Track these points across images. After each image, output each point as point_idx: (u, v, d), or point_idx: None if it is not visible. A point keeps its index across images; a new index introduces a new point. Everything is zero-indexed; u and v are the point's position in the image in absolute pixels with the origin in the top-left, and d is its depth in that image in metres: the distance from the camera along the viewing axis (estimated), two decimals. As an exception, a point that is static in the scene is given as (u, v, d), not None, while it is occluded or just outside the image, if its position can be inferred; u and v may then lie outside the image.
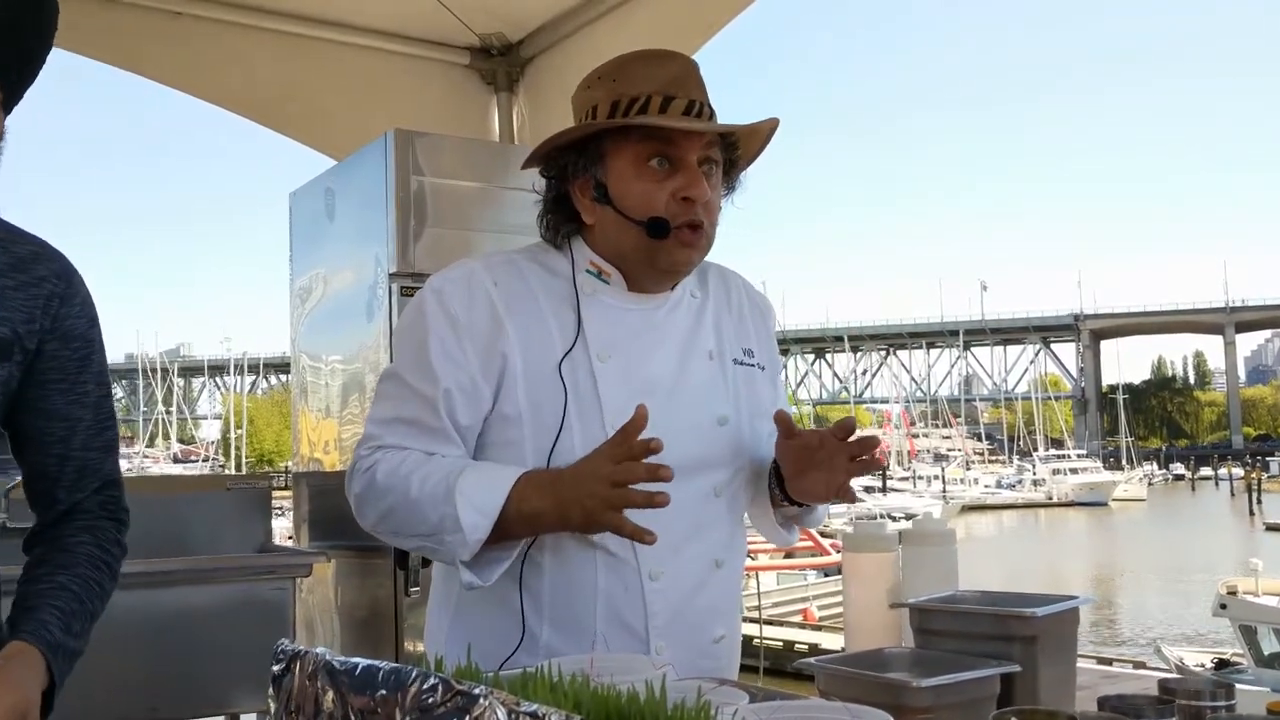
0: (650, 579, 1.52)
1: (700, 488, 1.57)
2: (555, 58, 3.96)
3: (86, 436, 1.42)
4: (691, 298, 1.66)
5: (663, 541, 1.47)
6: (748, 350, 1.69)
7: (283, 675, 1.02)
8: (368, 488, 1.52)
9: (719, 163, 1.58)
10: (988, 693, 1.37)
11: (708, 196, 1.53)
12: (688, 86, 1.54)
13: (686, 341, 1.62)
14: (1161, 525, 42.50)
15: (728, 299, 1.71)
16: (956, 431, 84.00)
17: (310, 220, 3.64)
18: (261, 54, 3.76)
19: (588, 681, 0.92)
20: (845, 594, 1.86)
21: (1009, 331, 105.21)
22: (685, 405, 1.57)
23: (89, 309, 1.43)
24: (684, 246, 1.54)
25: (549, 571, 1.53)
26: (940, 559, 1.81)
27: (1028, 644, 1.44)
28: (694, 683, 0.99)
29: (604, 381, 1.53)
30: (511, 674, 1.01)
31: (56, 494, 1.42)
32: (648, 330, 1.59)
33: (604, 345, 1.55)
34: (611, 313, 1.58)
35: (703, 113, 1.54)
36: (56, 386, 1.39)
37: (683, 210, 1.52)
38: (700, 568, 1.58)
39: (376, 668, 0.87)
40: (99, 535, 1.44)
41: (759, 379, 1.69)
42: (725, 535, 1.62)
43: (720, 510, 1.61)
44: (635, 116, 1.52)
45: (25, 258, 1.37)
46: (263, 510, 3.39)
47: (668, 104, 1.52)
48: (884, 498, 40.42)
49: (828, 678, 1.39)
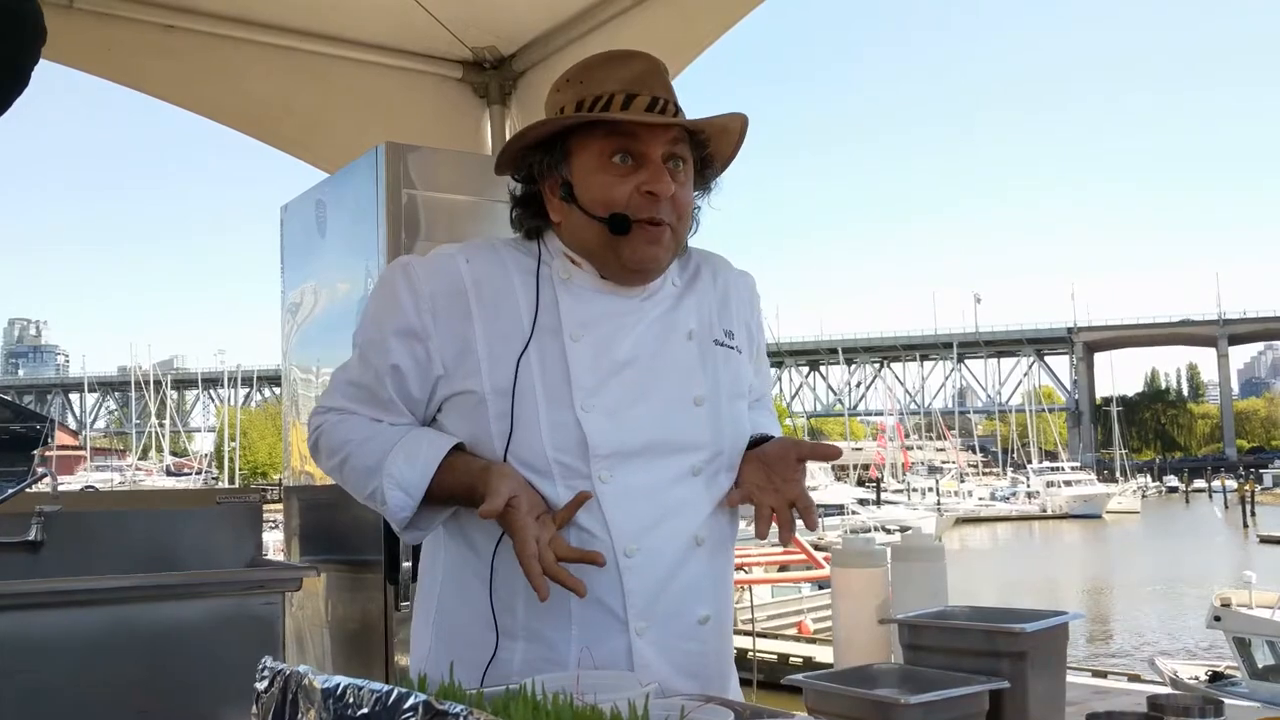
0: (625, 555, 1.51)
1: (676, 466, 1.56)
2: (548, 71, 3.96)
3: None
4: (672, 286, 1.67)
5: (637, 519, 1.52)
6: (728, 332, 1.69)
7: (265, 692, 1.02)
8: (314, 448, 1.64)
9: (688, 160, 1.58)
10: (977, 709, 1.36)
11: (671, 191, 1.53)
12: (651, 84, 1.55)
13: (664, 322, 1.62)
14: (1155, 538, 42.51)
15: (713, 281, 1.71)
16: (951, 444, 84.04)
17: (301, 233, 3.64)
18: (254, 67, 3.76)
19: (571, 701, 0.91)
20: (834, 609, 1.85)
21: (1003, 344, 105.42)
22: (660, 384, 1.57)
23: None
24: (648, 243, 1.54)
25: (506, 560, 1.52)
26: (929, 574, 1.80)
27: (1017, 660, 1.44)
28: (678, 700, 0.98)
29: (574, 360, 1.53)
30: (494, 691, 1.00)
31: None
32: (622, 313, 1.59)
33: (576, 325, 1.56)
34: (585, 295, 1.59)
35: (666, 109, 1.54)
36: None
37: (645, 205, 1.53)
38: (678, 545, 1.56)
39: (358, 686, 0.87)
40: None
41: (738, 360, 1.69)
42: (705, 513, 1.59)
43: (698, 489, 1.58)
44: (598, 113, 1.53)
45: None
46: (253, 524, 3.38)
47: (630, 101, 1.52)
48: (878, 510, 40.46)
49: (816, 694, 1.38)
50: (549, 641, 1.51)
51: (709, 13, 3.44)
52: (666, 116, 1.53)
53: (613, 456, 1.51)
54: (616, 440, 1.52)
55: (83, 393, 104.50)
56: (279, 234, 3.77)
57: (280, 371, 3.83)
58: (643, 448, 1.53)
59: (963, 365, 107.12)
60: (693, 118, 1.58)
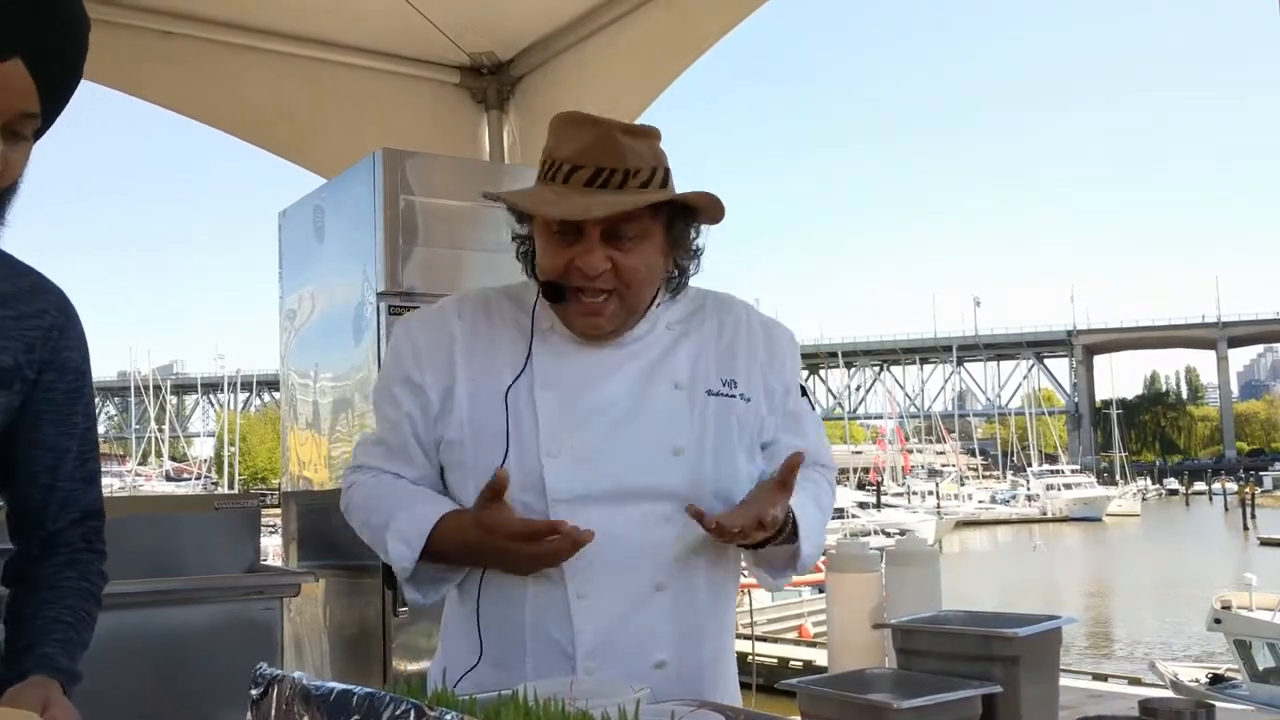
0: (577, 597, 1.55)
1: (646, 514, 1.57)
2: (545, 76, 3.98)
3: (72, 467, 1.44)
4: (666, 330, 1.67)
5: (596, 562, 1.54)
6: (729, 381, 1.67)
7: (261, 699, 1.03)
8: (346, 509, 1.70)
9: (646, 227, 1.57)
10: (969, 714, 1.37)
11: (602, 268, 1.54)
12: (597, 155, 1.53)
13: (649, 371, 1.63)
14: (1156, 540, 42.51)
15: (719, 331, 1.70)
16: (950, 447, 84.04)
17: (299, 239, 3.64)
18: (252, 73, 3.77)
19: (563, 706, 0.92)
20: (829, 614, 1.86)
21: (1002, 347, 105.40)
22: (637, 432, 1.59)
23: (83, 342, 1.46)
24: (584, 314, 1.58)
25: (485, 586, 1.60)
26: (924, 579, 1.81)
27: (1010, 664, 1.44)
28: (669, 706, 0.99)
29: (542, 408, 1.58)
30: (487, 698, 1.01)
31: (41, 523, 1.43)
32: (599, 362, 1.62)
33: (548, 374, 1.61)
34: (562, 345, 1.63)
35: (610, 180, 1.53)
36: (49, 418, 1.41)
37: (580, 278, 1.55)
38: (636, 591, 1.57)
39: (351, 693, 0.88)
40: (83, 568, 1.46)
41: (741, 410, 1.66)
42: (670, 560, 1.59)
43: (669, 536, 1.59)
44: (540, 183, 1.57)
45: (25, 289, 1.39)
46: (251, 530, 3.38)
47: (572, 173, 1.54)
48: (878, 513, 40.45)
49: (809, 698, 1.38)
50: (508, 669, 1.55)
51: (706, 17, 3.45)
52: (610, 191, 1.53)
53: (573, 501, 1.55)
54: (578, 485, 1.56)
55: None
56: (277, 239, 3.77)
57: (279, 376, 3.83)
58: (607, 494, 1.56)
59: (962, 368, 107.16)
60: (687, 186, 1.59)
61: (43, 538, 1.44)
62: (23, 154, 1.22)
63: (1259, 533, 42.00)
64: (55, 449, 1.42)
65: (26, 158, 1.24)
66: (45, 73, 1.20)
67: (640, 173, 1.55)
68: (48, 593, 1.42)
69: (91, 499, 1.48)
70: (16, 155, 1.20)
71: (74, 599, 1.42)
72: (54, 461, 1.42)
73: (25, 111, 1.19)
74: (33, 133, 1.24)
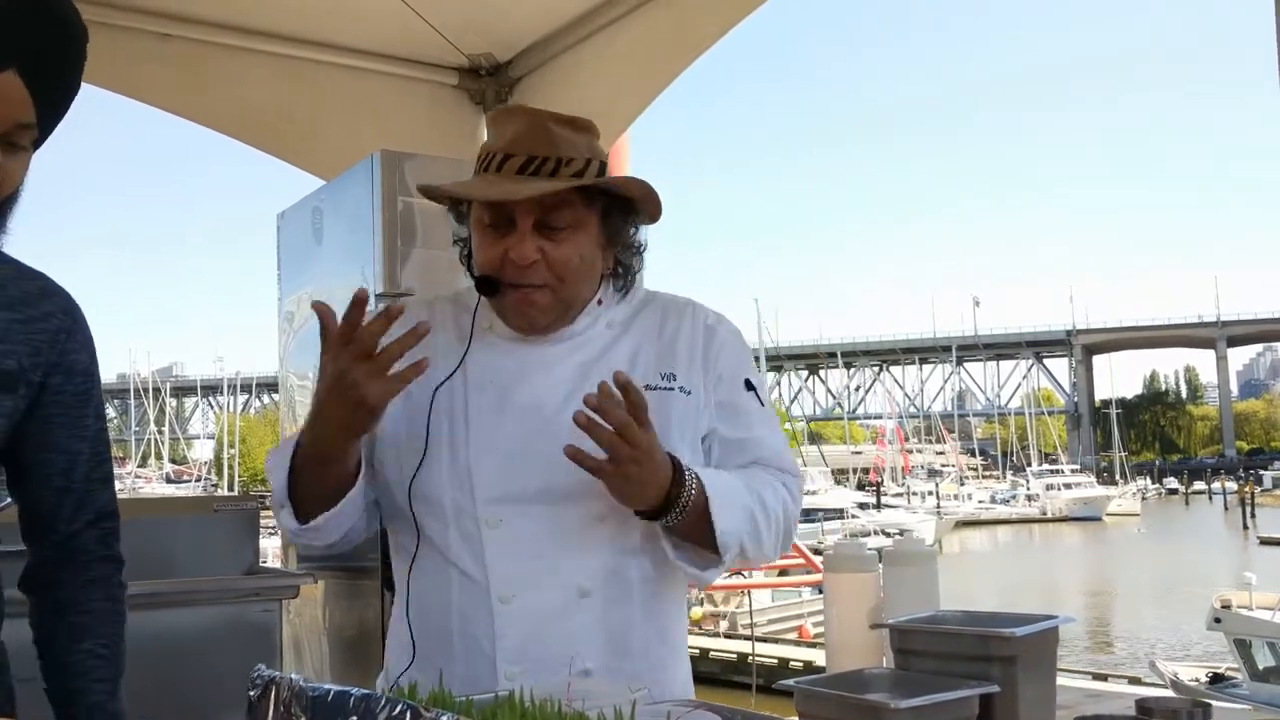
0: (500, 602, 1.53)
1: (575, 514, 1.54)
2: (544, 77, 3.98)
3: (87, 469, 1.44)
4: (607, 329, 1.65)
5: (520, 565, 1.53)
6: (668, 375, 1.62)
7: (259, 701, 1.03)
8: None
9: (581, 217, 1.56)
10: (967, 714, 1.37)
11: (533, 258, 1.53)
12: (528, 144, 1.53)
13: (584, 368, 1.60)
14: (1156, 540, 42.52)
15: (659, 328, 1.67)
16: (950, 447, 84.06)
17: (298, 240, 3.64)
18: (250, 75, 3.77)
19: (559, 707, 0.92)
20: (826, 614, 1.86)
21: (1002, 347, 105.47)
22: (567, 430, 1.48)
23: (91, 345, 1.47)
24: (519, 304, 1.57)
25: (414, 586, 1.60)
26: (921, 579, 1.81)
27: (1007, 664, 1.44)
28: (665, 706, 0.99)
29: (473, 405, 1.58)
30: (483, 699, 1.01)
31: (56, 526, 1.44)
32: (535, 359, 1.61)
33: (482, 372, 1.59)
34: (499, 344, 1.62)
35: (543, 168, 1.52)
36: (59, 420, 1.41)
37: (512, 271, 1.55)
38: (561, 595, 1.54)
39: (347, 694, 0.88)
40: (106, 587, 1.47)
41: (680, 404, 1.61)
42: (600, 564, 1.56)
43: (600, 538, 1.56)
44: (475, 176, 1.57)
45: (32, 293, 1.40)
46: (250, 531, 3.38)
47: (505, 162, 1.54)
48: (878, 514, 40.45)
49: (806, 698, 1.39)
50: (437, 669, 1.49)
51: (704, 17, 3.45)
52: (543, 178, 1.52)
53: (502, 501, 1.54)
54: (507, 485, 1.54)
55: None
56: (276, 241, 3.78)
57: (278, 378, 3.84)
58: (538, 493, 1.54)
59: (962, 368, 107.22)
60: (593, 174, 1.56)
61: (58, 541, 1.44)
62: (21, 164, 1.23)
63: (1259, 532, 42.00)
64: (68, 451, 1.42)
65: (26, 168, 1.25)
66: (41, 83, 1.20)
67: (574, 162, 1.54)
68: (78, 618, 1.43)
69: (106, 500, 1.48)
70: (15, 165, 1.21)
71: (105, 625, 1.44)
72: (67, 464, 1.42)
73: (22, 122, 1.19)
74: (30, 143, 1.24)
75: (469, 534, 1.55)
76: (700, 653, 15.98)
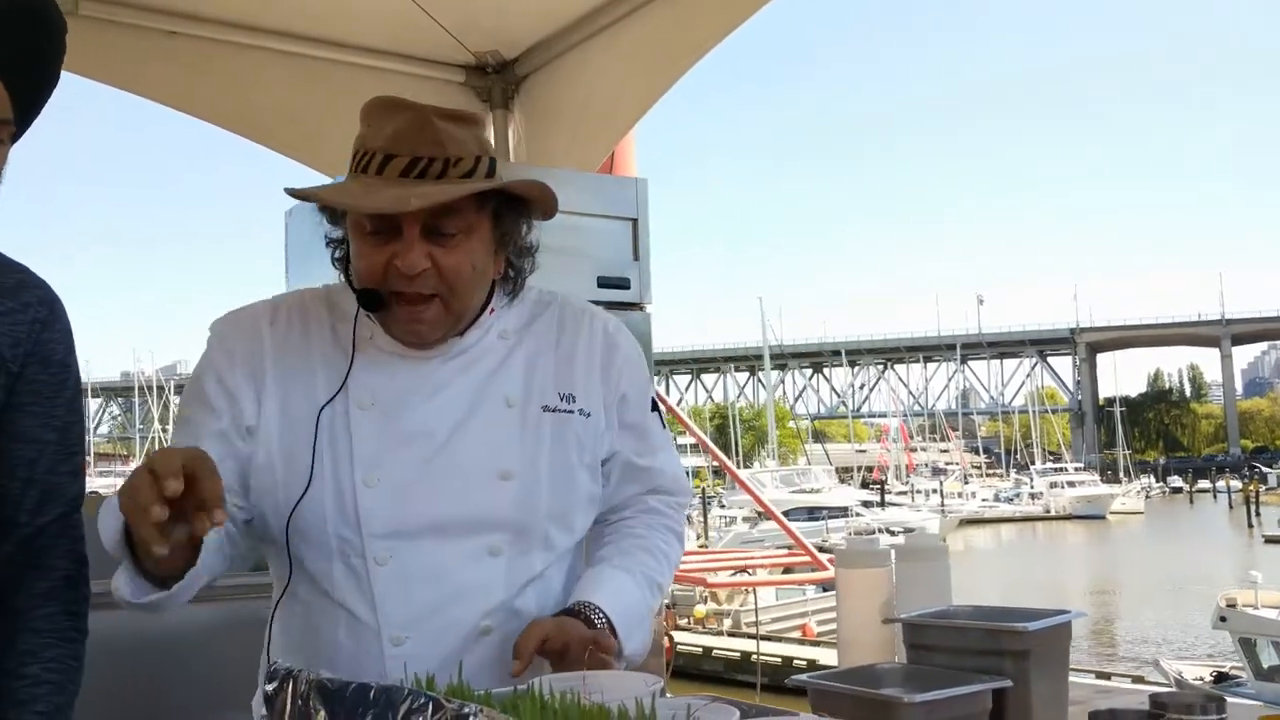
0: (392, 644, 1.42)
1: (470, 548, 1.44)
2: (550, 75, 3.98)
3: (52, 461, 1.41)
4: (500, 339, 1.53)
5: (413, 605, 1.42)
6: (567, 395, 1.53)
7: (275, 695, 1.03)
8: None
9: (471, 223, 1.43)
10: (980, 708, 1.37)
11: (422, 267, 1.39)
12: (413, 142, 1.40)
13: (478, 389, 1.49)
14: (1160, 538, 42.47)
15: (556, 340, 1.56)
16: (954, 445, 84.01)
17: (305, 238, 3.64)
18: (257, 73, 3.77)
19: (579, 699, 0.92)
20: (839, 610, 1.86)
21: (1006, 345, 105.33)
22: (459, 458, 1.45)
23: (68, 337, 1.45)
24: (407, 320, 1.43)
25: (297, 627, 1.49)
26: (933, 574, 1.81)
27: (1019, 659, 1.45)
28: (684, 700, 0.99)
29: (358, 430, 1.44)
30: (502, 692, 1.01)
31: (18, 518, 1.40)
32: (422, 379, 1.48)
33: (366, 393, 1.46)
34: (383, 359, 1.48)
35: (428, 172, 1.39)
36: (30, 409, 1.40)
37: (399, 280, 1.40)
38: (459, 634, 1.44)
39: (367, 687, 0.88)
40: (67, 599, 1.42)
41: (579, 426, 1.53)
42: (498, 599, 1.46)
43: (497, 572, 1.46)
44: (350, 176, 1.43)
45: (11, 286, 1.39)
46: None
47: (387, 162, 1.39)
48: (882, 512, 40.47)
49: (820, 694, 1.39)
50: None
51: (711, 16, 3.45)
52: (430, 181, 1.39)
53: (392, 536, 1.43)
54: (396, 519, 1.43)
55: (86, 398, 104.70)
56: (283, 239, 3.78)
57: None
58: (429, 527, 1.43)
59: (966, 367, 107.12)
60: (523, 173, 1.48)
61: (20, 538, 1.40)
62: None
63: (1264, 530, 41.94)
64: (36, 441, 1.40)
65: (4, 161, 1.25)
66: (19, 80, 1.20)
67: (462, 161, 1.41)
68: (29, 640, 1.38)
69: (74, 495, 1.45)
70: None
71: (58, 646, 1.39)
72: (34, 454, 1.40)
73: None
74: (9, 137, 1.25)
75: (356, 571, 1.43)
76: (703, 651, 15.97)
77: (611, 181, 3.89)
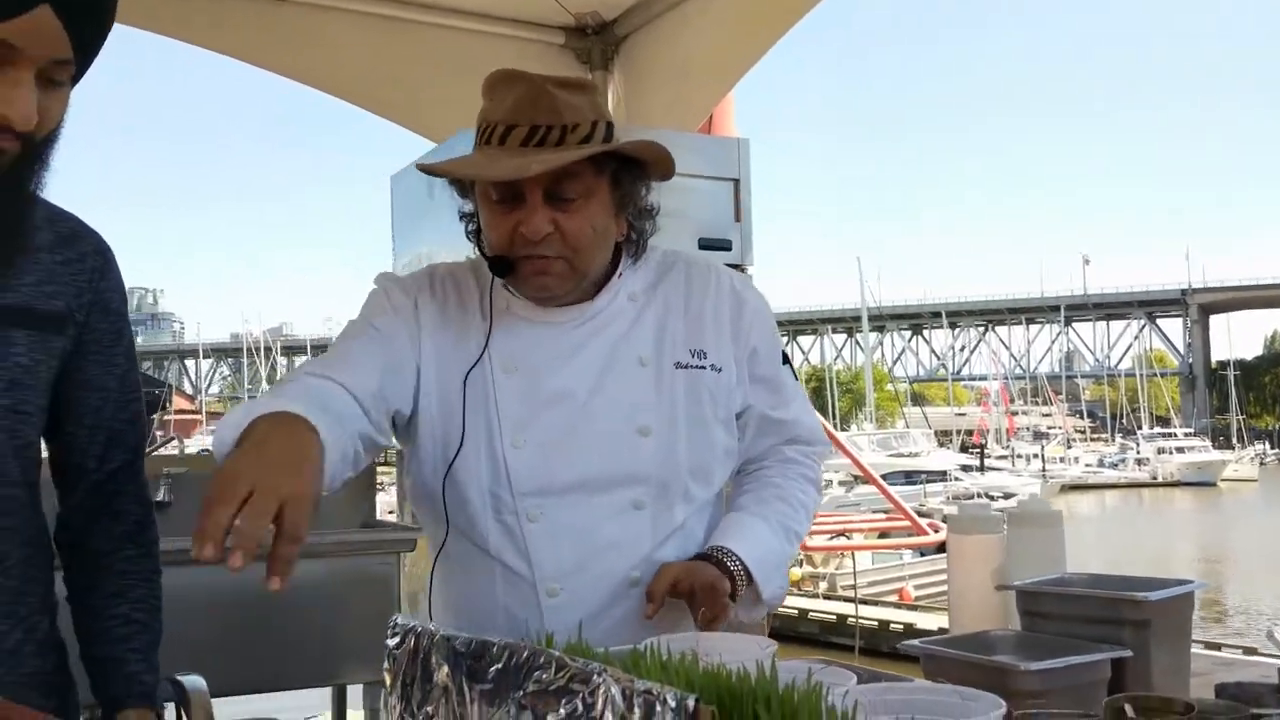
0: (548, 595, 1.51)
1: (615, 501, 1.52)
2: (650, 34, 3.95)
3: (115, 407, 1.45)
4: (630, 302, 1.59)
5: (565, 559, 1.50)
6: (698, 352, 1.58)
7: (398, 649, 1.05)
8: None
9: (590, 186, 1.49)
10: (1098, 677, 1.35)
11: (545, 231, 1.46)
12: (531, 111, 1.45)
13: (612, 349, 1.56)
14: (1275, 507, 41.04)
15: (685, 298, 1.61)
16: (1057, 409, 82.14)
17: (411, 202, 3.70)
18: (356, 37, 3.82)
19: (696, 660, 0.92)
20: (950, 576, 1.84)
21: (1112, 307, 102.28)
22: (600, 416, 1.52)
23: (121, 287, 1.48)
24: (534, 276, 1.50)
25: (456, 581, 1.57)
26: (1048, 541, 1.78)
27: (1139, 628, 1.41)
28: (803, 663, 0.99)
29: (503, 394, 1.52)
30: (621, 651, 1.02)
31: (87, 464, 1.44)
32: (559, 343, 1.55)
33: (508, 358, 1.53)
34: (520, 326, 1.56)
35: (547, 139, 1.44)
36: (94, 358, 1.43)
37: (524, 244, 1.47)
38: (610, 586, 1.52)
39: (490, 643, 0.89)
40: (141, 541, 1.47)
41: (711, 381, 1.58)
42: (644, 551, 1.54)
43: (642, 525, 1.54)
44: (476, 150, 1.50)
45: (68, 236, 1.41)
46: (366, 487, 3.47)
47: (508, 133, 1.46)
48: (981, 476, 39.78)
49: (932, 659, 1.37)
50: None
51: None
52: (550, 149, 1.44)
53: (541, 494, 1.50)
54: (544, 478, 1.50)
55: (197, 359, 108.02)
56: (389, 203, 3.84)
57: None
58: (575, 484, 1.51)
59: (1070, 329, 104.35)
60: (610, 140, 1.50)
61: (90, 485, 1.45)
62: (59, 101, 1.23)
63: (1386, 499, 40.27)
64: (101, 388, 1.43)
65: (65, 104, 1.26)
66: (74, 19, 1.21)
67: (579, 127, 1.46)
68: (113, 580, 1.43)
69: (135, 442, 1.49)
70: (52, 102, 1.21)
71: (141, 586, 1.45)
72: (99, 402, 1.43)
73: (59, 59, 1.20)
74: (68, 78, 1.25)
75: (509, 527, 1.52)
76: (799, 614, 15.97)
77: (712, 142, 3.86)
